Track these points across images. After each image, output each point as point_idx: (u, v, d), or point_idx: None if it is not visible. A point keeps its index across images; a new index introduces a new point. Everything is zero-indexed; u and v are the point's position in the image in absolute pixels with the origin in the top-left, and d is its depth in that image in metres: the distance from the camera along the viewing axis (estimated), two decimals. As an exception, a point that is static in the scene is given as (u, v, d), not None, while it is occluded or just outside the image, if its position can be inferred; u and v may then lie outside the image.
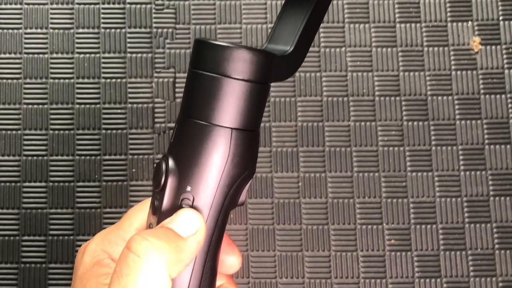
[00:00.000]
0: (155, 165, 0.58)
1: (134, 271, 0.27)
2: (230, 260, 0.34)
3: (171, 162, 0.30)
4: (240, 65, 0.29)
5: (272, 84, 0.31)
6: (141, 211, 0.34)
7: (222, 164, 0.30)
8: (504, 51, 0.61)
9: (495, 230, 0.57)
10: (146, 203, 0.34)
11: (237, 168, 0.30)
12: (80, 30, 0.61)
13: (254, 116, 0.31)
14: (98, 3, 0.62)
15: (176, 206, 0.30)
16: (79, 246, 0.57)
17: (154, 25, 0.61)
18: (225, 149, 0.30)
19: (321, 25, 0.61)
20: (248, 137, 0.30)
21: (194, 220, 0.29)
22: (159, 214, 0.30)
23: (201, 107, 0.30)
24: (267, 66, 0.30)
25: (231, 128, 0.30)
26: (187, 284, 0.30)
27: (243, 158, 0.30)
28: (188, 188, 0.30)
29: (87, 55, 0.61)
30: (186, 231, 0.29)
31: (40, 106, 0.60)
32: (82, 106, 0.60)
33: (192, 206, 0.30)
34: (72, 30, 0.61)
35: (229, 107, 0.30)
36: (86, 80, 0.60)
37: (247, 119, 0.30)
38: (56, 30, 0.61)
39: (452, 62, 0.60)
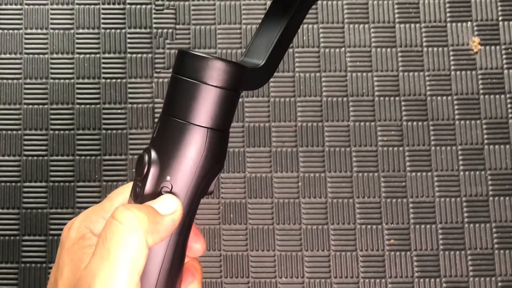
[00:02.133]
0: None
1: (116, 236, 0.31)
2: (196, 247, 0.39)
3: (153, 154, 0.34)
4: (215, 74, 0.34)
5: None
6: (121, 194, 0.38)
7: (198, 158, 0.34)
8: (503, 51, 0.61)
9: (494, 230, 0.58)
10: (127, 188, 0.38)
11: (210, 162, 0.34)
12: (80, 30, 0.61)
13: (226, 118, 0.35)
14: (98, 3, 0.62)
15: (156, 193, 0.34)
16: (79, 246, 0.58)
17: (154, 25, 0.62)
18: (201, 145, 0.34)
19: (321, 25, 0.61)
20: (220, 136, 0.35)
21: (172, 202, 0.34)
22: (140, 199, 0.34)
23: (183, 108, 0.34)
24: (238, 76, 0.35)
25: (207, 128, 0.34)
26: (163, 256, 0.34)
27: (216, 154, 0.35)
28: (168, 178, 0.34)
29: (87, 55, 0.61)
30: (164, 210, 0.33)
31: (40, 106, 0.60)
32: (82, 106, 0.60)
33: (170, 193, 0.34)
34: (72, 30, 0.61)
35: (206, 110, 0.34)
36: (86, 80, 0.60)
37: (221, 120, 0.35)
38: (56, 30, 0.61)
39: (452, 62, 0.61)
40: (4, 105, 0.60)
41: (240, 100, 0.60)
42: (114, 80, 0.60)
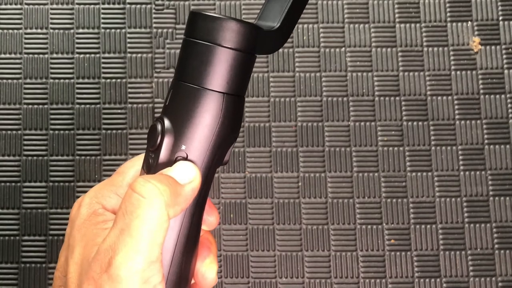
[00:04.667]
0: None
1: (138, 209, 0.30)
2: (210, 219, 0.37)
3: (167, 123, 0.33)
4: (229, 35, 0.32)
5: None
6: (132, 167, 0.36)
7: (215, 125, 0.32)
8: (503, 51, 0.61)
9: (494, 230, 0.58)
10: (138, 160, 0.37)
11: (227, 130, 0.33)
12: (80, 30, 0.61)
13: (242, 83, 0.33)
14: (98, 3, 0.62)
15: (171, 163, 0.33)
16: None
17: (154, 25, 0.61)
18: (217, 111, 0.32)
19: (321, 25, 0.61)
20: (237, 102, 0.33)
21: (190, 170, 0.32)
22: (154, 171, 0.33)
23: (196, 72, 0.32)
24: (253, 37, 0.33)
25: (224, 93, 0.32)
26: (178, 230, 0.33)
27: (232, 120, 0.33)
28: (183, 147, 0.32)
29: (87, 55, 0.61)
30: (183, 179, 0.32)
31: (40, 106, 0.60)
32: (82, 106, 0.60)
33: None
34: (72, 30, 0.61)
35: (221, 73, 0.32)
36: (86, 80, 0.60)
37: (237, 84, 0.33)
38: (56, 30, 0.61)
39: (452, 62, 0.61)
40: (4, 105, 0.60)
41: (240, 100, 0.60)
42: (114, 80, 0.60)
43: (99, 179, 0.58)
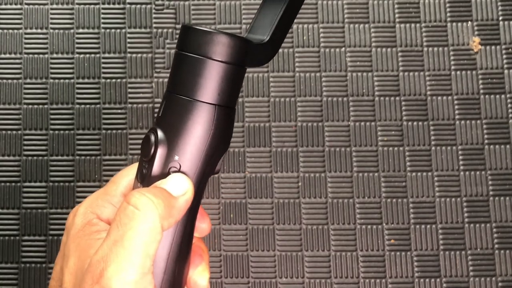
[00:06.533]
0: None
1: (132, 221, 0.30)
2: (202, 226, 0.38)
3: (160, 134, 0.34)
4: (219, 48, 0.33)
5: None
6: (126, 177, 0.37)
7: (207, 136, 0.33)
8: (503, 51, 0.61)
9: (494, 230, 0.58)
10: (131, 169, 0.37)
11: (218, 140, 0.34)
12: (80, 30, 0.61)
13: (233, 95, 0.35)
14: (98, 3, 0.62)
15: (164, 174, 0.34)
16: (79, 246, 0.57)
17: (154, 25, 0.61)
18: (209, 123, 0.33)
19: (321, 25, 0.61)
20: (228, 113, 0.34)
21: (184, 182, 0.33)
22: (147, 181, 0.34)
23: (188, 85, 0.33)
24: (243, 50, 0.34)
25: (215, 105, 0.33)
26: (172, 239, 0.33)
27: (224, 131, 0.34)
28: (176, 157, 0.33)
29: (87, 55, 0.61)
30: (177, 191, 0.33)
31: (40, 106, 0.60)
32: (82, 106, 0.60)
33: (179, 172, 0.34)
34: (72, 30, 0.61)
35: (213, 86, 0.33)
36: (86, 80, 0.60)
37: (228, 97, 0.34)
38: (56, 30, 0.61)
39: (452, 62, 0.61)
40: (4, 105, 0.60)
41: (240, 100, 0.60)
42: (114, 80, 0.60)
43: (99, 179, 0.58)
